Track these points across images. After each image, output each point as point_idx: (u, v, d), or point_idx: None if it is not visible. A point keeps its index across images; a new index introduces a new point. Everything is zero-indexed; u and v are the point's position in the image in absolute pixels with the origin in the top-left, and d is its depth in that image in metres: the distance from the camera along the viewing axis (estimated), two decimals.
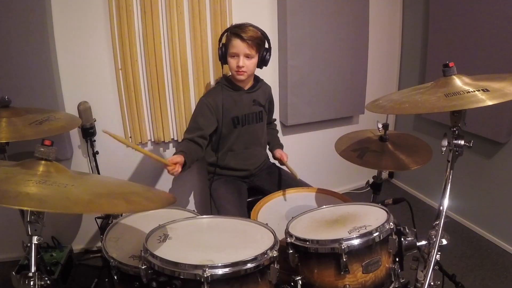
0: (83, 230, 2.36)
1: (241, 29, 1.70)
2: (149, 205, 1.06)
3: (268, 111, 2.06)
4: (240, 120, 1.88)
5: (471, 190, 2.46)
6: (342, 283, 1.10)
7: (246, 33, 1.69)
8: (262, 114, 1.96)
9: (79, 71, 2.05)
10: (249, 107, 1.90)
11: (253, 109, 1.91)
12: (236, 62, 1.74)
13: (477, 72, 1.22)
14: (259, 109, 1.93)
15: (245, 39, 1.69)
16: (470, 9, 2.22)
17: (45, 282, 0.97)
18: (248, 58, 1.74)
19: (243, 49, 1.71)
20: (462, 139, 1.13)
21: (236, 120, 1.86)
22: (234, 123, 1.87)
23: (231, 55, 1.75)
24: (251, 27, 1.73)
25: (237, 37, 1.70)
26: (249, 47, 1.71)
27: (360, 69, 2.70)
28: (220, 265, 0.96)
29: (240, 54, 1.72)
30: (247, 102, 1.89)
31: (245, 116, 1.89)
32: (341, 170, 2.87)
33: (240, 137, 1.91)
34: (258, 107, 1.93)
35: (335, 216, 1.30)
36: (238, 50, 1.72)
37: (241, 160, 1.95)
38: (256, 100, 1.91)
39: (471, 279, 2.02)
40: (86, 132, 2.07)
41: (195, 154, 1.74)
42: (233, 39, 1.72)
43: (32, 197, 0.80)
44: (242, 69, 1.75)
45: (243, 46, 1.70)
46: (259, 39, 1.73)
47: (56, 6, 1.91)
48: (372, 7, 2.62)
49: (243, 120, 1.89)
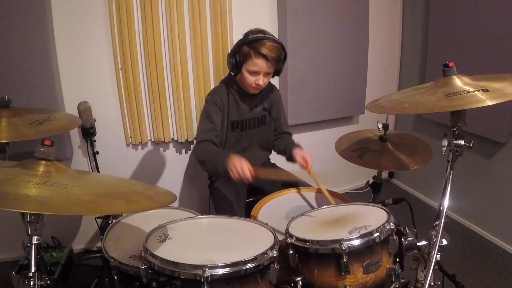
0: (83, 230, 2.36)
1: (265, 47, 1.57)
2: (149, 205, 1.06)
3: (275, 119, 1.92)
4: (239, 125, 1.82)
5: (471, 190, 2.46)
6: (342, 284, 1.10)
7: (272, 53, 1.57)
8: (265, 118, 1.88)
9: (79, 71, 2.05)
10: (250, 112, 1.83)
11: (255, 113, 1.84)
12: (255, 80, 1.64)
13: (477, 72, 1.22)
14: (262, 113, 1.86)
15: (270, 60, 1.58)
16: (470, 9, 2.22)
17: (45, 282, 0.96)
18: (268, 75, 1.66)
19: (265, 69, 1.61)
20: (462, 139, 1.13)
21: (235, 124, 1.81)
22: (232, 126, 1.81)
23: (250, 72, 1.63)
24: (275, 43, 1.59)
25: (262, 57, 1.57)
26: (271, 66, 1.62)
27: (360, 69, 2.70)
28: (220, 265, 0.96)
29: (261, 72, 1.62)
30: (249, 107, 1.82)
31: (245, 121, 1.83)
32: (341, 170, 2.87)
33: (239, 141, 1.86)
34: (261, 111, 1.86)
35: (335, 216, 1.30)
36: (259, 69, 1.60)
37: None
38: (259, 104, 1.84)
39: (471, 279, 2.02)
40: (86, 132, 2.07)
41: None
42: (255, 57, 1.58)
43: (32, 199, 0.80)
44: (261, 87, 1.67)
45: (266, 66, 1.60)
46: (282, 57, 1.64)
47: (56, 6, 1.91)
48: (372, 7, 2.62)
49: (242, 125, 1.83)
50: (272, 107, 1.90)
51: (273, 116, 1.91)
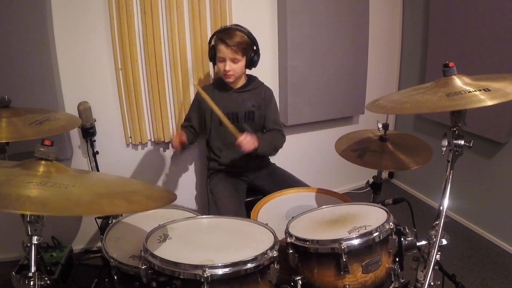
0: (83, 230, 2.36)
1: (226, 34, 1.75)
2: (150, 204, 1.06)
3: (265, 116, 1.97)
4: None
5: (471, 190, 2.46)
6: (342, 283, 1.10)
7: (232, 39, 1.74)
8: (253, 114, 1.94)
9: (79, 71, 2.05)
10: (237, 106, 1.91)
11: (242, 108, 1.92)
12: (223, 66, 1.80)
13: (477, 72, 1.22)
14: (249, 109, 1.93)
15: (229, 45, 1.73)
16: (470, 9, 2.22)
17: (45, 282, 0.97)
18: (235, 62, 1.80)
19: (228, 54, 1.76)
20: (462, 139, 1.13)
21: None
22: (220, 120, 1.81)
23: (219, 59, 1.81)
24: (237, 31, 1.76)
25: (222, 43, 1.75)
26: (234, 52, 1.76)
27: (360, 69, 2.70)
28: (220, 265, 0.96)
29: (226, 58, 1.78)
30: (236, 101, 1.91)
31: (231, 115, 1.89)
32: (341, 170, 2.88)
33: (228, 135, 1.83)
34: (249, 107, 1.93)
35: (335, 216, 1.30)
36: (224, 55, 1.77)
37: (235, 156, 1.95)
38: (246, 100, 1.93)
39: (471, 279, 2.02)
40: (86, 132, 2.07)
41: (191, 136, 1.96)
42: (219, 44, 1.78)
43: (33, 200, 0.80)
44: (229, 72, 1.81)
45: (228, 52, 1.75)
46: (244, 43, 1.77)
47: (56, 6, 1.91)
48: (372, 7, 2.62)
49: (229, 118, 1.82)
50: (261, 104, 1.96)
51: (261, 113, 1.97)
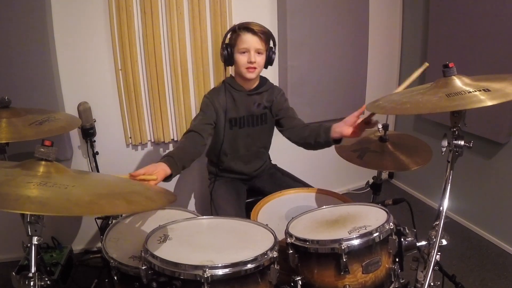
0: (83, 230, 2.36)
1: (250, 23, 1.65)
2: (149, 205, 1.06)
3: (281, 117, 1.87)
4: (237, 122, 1.81)
5: (471, 190, 2.46)
6: (342, 284, 1.10)
7: (258, 27, 1.64)
8: (266, 116, 1.87)
9: (79, 71, 2.05)
10: (249, 109, 1.82)
11: (254, 111, 1.83)
12: (247, 58, 1.65)
13: (477, 72, 1.22)
14: (261, 111, 1.85)
15: (256, 32, 1.63)
16: (470, 9, 2.22)
17: (45, 283, 0.97)
18: (259, 54, 1.67)
19: (254, 44, 1.64)
20: (462, 139, 1.13)
21: (233, 122, 1.81)
22: (231, 124, 1.80)
23: (241, 51, 1.66)
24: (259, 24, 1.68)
25: (248, 31, 1.63)
26: (261, 41, 1.65)
27: (360, 69, 2.70)
28: (220, 265, 0.96)
29: (251, 49, 1.64)
30: (247, 104, 1.81)
31: (243, 118, 1.82)
32: (341, 170, 2.87)
33: (238, 139, 1.84)
34: (261, 109, 1.84)
35: (335, 216, 1.30)
36: (249, 44, 1.64)
37: (241, 162, 1.91)
38: (258, 102, 1.83)
39: (471, 280, 2.02)
40: (86, 133, 2.07)
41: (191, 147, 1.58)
42: (242, 34, 1.64)
43: (33, 200, 0.80)
44: (254, 64, 1.66)
45: (254, 40, 1.63)
46: (269, 34, 1.69)
47: (56, 6, 1.91)
48: (372, 7, 2.62)
49: (241, 122, 1.82)
50: (273, 105, 1.86)
51: (274, 115, 1.88)
